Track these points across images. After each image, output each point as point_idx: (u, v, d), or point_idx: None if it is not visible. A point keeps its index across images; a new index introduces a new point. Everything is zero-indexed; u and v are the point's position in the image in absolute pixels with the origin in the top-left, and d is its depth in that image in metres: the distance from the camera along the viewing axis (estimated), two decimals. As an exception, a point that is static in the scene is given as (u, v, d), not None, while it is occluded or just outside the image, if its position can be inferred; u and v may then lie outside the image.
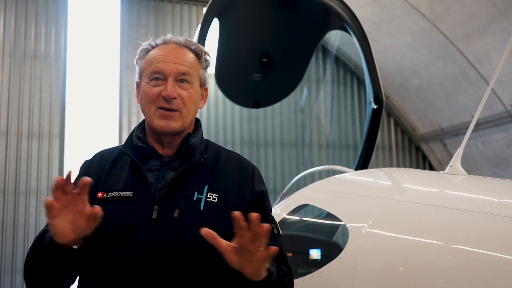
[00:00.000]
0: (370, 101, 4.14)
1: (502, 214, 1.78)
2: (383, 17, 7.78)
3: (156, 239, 1.49)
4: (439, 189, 2.37)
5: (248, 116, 8.51)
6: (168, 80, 1.59)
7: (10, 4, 7.40)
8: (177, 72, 1.60)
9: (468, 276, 1.71)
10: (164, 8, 8.20)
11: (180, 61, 1.61)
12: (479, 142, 8.21)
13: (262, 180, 1.71)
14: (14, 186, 7.10)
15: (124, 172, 1.61)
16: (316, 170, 4.82)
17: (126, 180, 1.58)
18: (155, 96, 1.59)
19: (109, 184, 1.59)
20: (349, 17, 4.08)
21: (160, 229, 1.50)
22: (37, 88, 7.38)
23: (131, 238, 1.50)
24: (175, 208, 1.52)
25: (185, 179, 1.58)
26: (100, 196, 1.56)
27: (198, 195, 1.56)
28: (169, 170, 1.59)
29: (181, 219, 1.51)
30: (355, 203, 2.63)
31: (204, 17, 3.75)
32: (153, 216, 1.51)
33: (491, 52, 7.04)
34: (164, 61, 1.60)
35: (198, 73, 1.66)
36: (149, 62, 1.63)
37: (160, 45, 1.66)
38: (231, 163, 1.68)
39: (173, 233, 1.49)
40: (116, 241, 1.50)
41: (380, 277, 2.05)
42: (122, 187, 1.57)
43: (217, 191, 1.58)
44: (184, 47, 1.65)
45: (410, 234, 2.08)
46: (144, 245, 1.49)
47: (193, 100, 1.64)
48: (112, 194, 1.56)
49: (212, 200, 1.56)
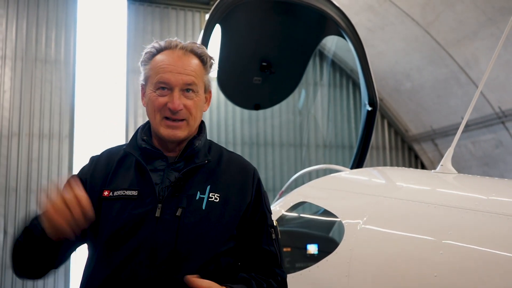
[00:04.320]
0: (365, 103, 4.13)
1: (491, 211, 1.78)
2: (378, 24, 7.78)
3: (159, 236, 1.47)
4: (431, 187, 2.36)
5: (248, 118, 8.51)
6: (174, 91, 1.54)
7: (22, 11, 7.40)
8: (183, 83, 1.55)
9: (458, 270, 1.71)
10: (169, 14, 8.21)
11: (186, 70, 1.56)
12: (469, 143, 8.21)
13: (260, 181, 1.69)
14: (25, 184, 7.11)
15: (129, 172, 1.59)
16: (313, 169, 4.81)
17: (131, 180, 1.56)
18: (160, 106, 1.55)
19: (115, 183, 1.57)
20: (345, 23, 4.07)
21: (163, 227, 1.48)
22: (47, 91, 7.38)
23: (135, 235, 1.48)
24: (178, 207, 1.50)
25: (189, 180, 1.56)
26: (106, 195, 1.55)
27: (200, 195, 1.54)
28: (173, 171, 1.57)
29: (184, 217, 1.49)
30: (350, 201, 2.62)
31: (206, 23, 3.74)
32: (157, 215, 1.49)
33: (480, 57, 7.04)
34: (170, 71, 1.54)
35: (203, 80, 1.62)
36: (155, 70, 1.57)
37: (165, 50, 1.60)
38: (233, 164, 1.66)
39: (175, 231, 1.48)
40: (121, 238, 1.49)
41: (374, 271, 2.05)
42: (128, 187, 1.55)
43: (219, 191, 1.56)
44: (190, 53, 1.59)
45: (403, 230, 2.08)
46: (147, 242, 1.47)
47: (198, 108, 1.61)
48: (117, 193, 1.54)
49: (214, 200, 1.54)
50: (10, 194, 7.04)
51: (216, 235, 1.51)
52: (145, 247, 1.46)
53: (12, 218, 6.99)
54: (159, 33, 8.01)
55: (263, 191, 1.68)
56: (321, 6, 4.01)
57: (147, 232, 1.48)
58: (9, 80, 7.24)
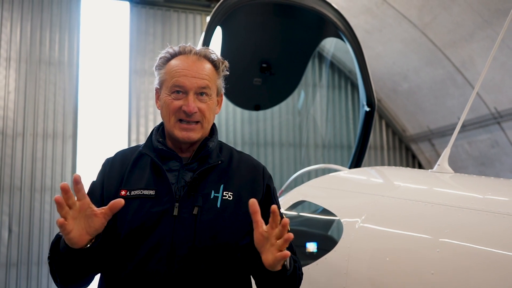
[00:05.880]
0: (363, 104, 4.13)
1: (487, 210, 1.78)
2: (375, 26, 7.78)
3: (177, 234, 1.50)
4: (428, 187, 2.36)
5: (249, 118, 8.51)
6: (189, 94, 1.58)
7: (27, 14, 7.41)
8: (198, 86, 1.59)
9: (454, 268, 1.71)
10: (170, 16, 8.21)
11: (200, 75, 1.59)
12: (465, 143, 8.21)
13: (271, 178, 1.74)
14: (30, 183, 7.11)
15: (145, 172, 1.61)
16: (313, 168, 4.81)
17: (148, 180, 1.59)
18: (176, 109, 1.59)
19: (132, 183, 1.59)
20: (343, 25, 4.07)
21: (181, 225, 1.51)
22: (51, 92, 7.39)
23: (153, 233, 1.50)
24: (194, 205, 1.53)
25: (203, 179, 1.59)
26: (123, 194, 1.56)
27: (215, 194, 1.57)
28: (187, 171, 1.60)
29: (200, 215, 1.52)
30: (349, 200, 2.62)
31: (207, 25, 3.74)
32: (174, 213, 1.52)
33: (476, 58, 7.04)
34: (185, 76, 1.58)
35: (216, 84, 1.66)
36: (170, 74, 1.61)
37: (179, 55, 1.63)
38: (243, 163, 1.70)
39: (193, 229, 1.51)
40: (139, 236, 1.51)
41: (372, 269, 2.05)
42: (144, 186, 1.57)
43: (232, 189, 1.60)
44: (203, 58, 1.63)
45: (400, 228, 2.08)
46: (165, 240, 1.49)
47: (212, 111, 1.64)
48: (135, 193, 1.56)
49: (228, 198, 1.58)
50: (15, 193, 7.04)
51: (232, 231, 1.54)
52: (165, 243, 1.49)
53: (16, 216, 6.99)
54: (161, 35, 8.02)
55: (273, 187, 1.72)
56: (320, 9, 4.01)
57: (166, 230, 1.50)
58: (14, 82, 7.24)
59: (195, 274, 1.48)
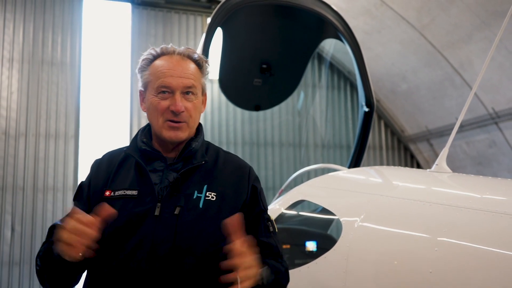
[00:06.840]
0: (362, 104, 4.13)
1: (484, 209, 1.78)
2: (375, 27, 7.78)
3: (158, 234, 1.49)
4: (426, 186, 2.36)
5: (249, 118, 8.52)
6: (176, 94, 1.57)
7: (29, 15, 7.41)
8: (184, 86, 1.58)
9: (452, 267, 1.71)
10: (171, 18, 8.21)
11: (186, 74, 1.58)
12: (463, 143, 8.21)
13: (257, 179, 1.70)
14: (32, 183, 7.11)
15: (130, 173, 1.60)
16: (312, 168, 4.81)
17: (132, 180, 1.58)
18: (163, 110, 1.57)
19: (116, 183, 1.59)
20: (342, 26, 4.07)
21: (162, 225, 1.50)
22: (53, 92, 7.39)
23: (135, 233, 1.50)
24: (176, 205, 1.52)
25: (186, 179, 1.57)
26: (107, 195, 1.56)
27: (197, 194, 1.55)
28: (171, 171, 1.59)
29: (182, 216, 1.51)
30: (348, 199, 2.62)
31: (208, 27, 3.74)
32: (156, 213, 1.50)
33: (474, 59, 7.04)
34: (171, 76, 1.57)
35: (201, 83, 1.65)
36: (155, 75, 1.60)
37: (162, 55, 1.62)
38: (229, 164, 1.67)
39: (173, 229, 1.49)
40: (122, 235, 1.50)
41: (371, 268, 2.05)
42: (128, 187, 1.57)
43: (215, 190, 1.58)
44: (187, 58, 1.62)
45: (399, 227, 2.08)
46: (146, 240, 1.49)
47: (197, 110, 1.64)
48: (118, 193, 1.56)
49: (211, 199, 1.55)
50: (17, 192, 7.05)
51: (214, 231, 1.52)
52: (146, 243, 1.48)
53: (19, 215, 7.00)
54: (162, 36, 8.03)
55: (260, 188, 1.68)
56: (320, 10, 4.01)
57: (148, 230, 1.49)
58: (17, 82, 7.25)
59: (176, 273, 1.47)
